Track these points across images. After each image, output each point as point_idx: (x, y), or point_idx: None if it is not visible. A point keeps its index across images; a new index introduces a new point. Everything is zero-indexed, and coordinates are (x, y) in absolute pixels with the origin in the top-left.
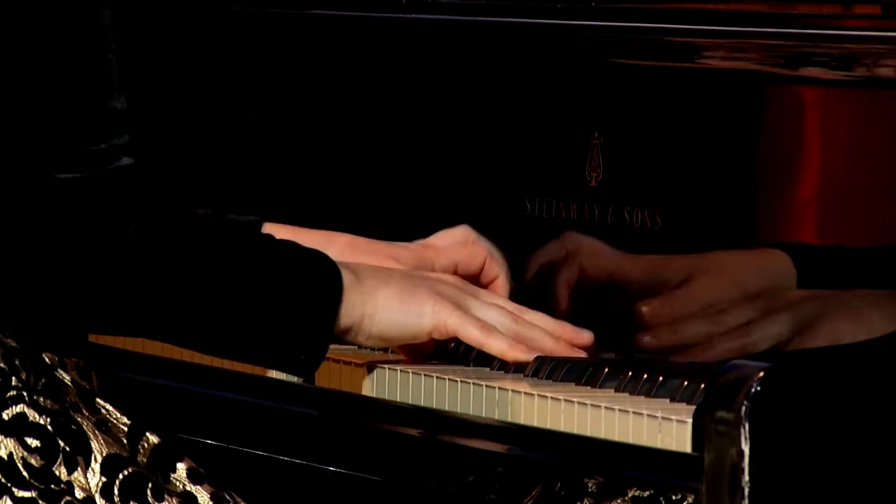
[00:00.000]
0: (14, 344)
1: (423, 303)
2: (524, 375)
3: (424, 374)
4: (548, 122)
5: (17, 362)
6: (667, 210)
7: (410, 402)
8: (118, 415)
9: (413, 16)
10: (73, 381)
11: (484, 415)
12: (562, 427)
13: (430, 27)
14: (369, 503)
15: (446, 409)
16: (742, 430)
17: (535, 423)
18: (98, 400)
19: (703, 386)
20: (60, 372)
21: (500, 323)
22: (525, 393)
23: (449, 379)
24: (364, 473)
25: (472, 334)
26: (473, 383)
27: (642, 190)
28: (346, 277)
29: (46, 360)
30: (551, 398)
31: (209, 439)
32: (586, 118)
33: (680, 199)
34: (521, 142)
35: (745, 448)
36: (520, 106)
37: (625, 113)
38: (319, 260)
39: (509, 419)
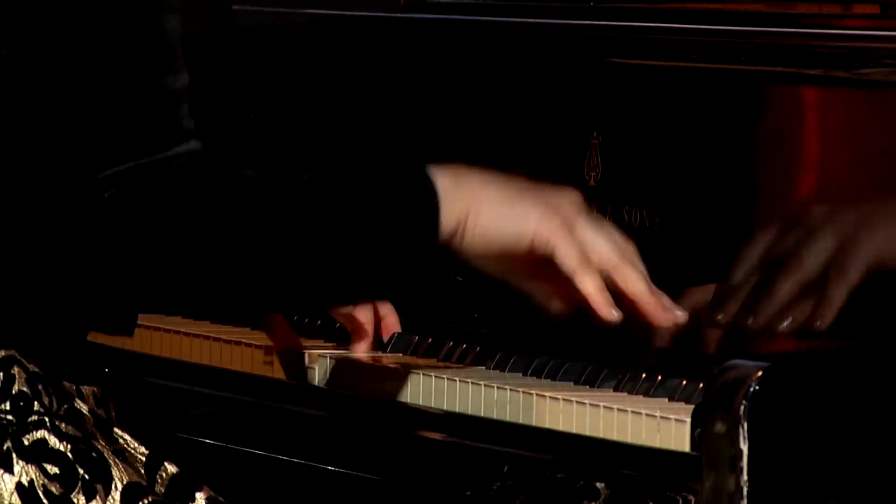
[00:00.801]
0: (37, 369)
1: (530, 208)
2: (523, 375)
3: (435, 376)
4: (547, 121)
5: (39, 387)
6: (666, 210)
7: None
8: (136, 444)
9: (412, 15)
10: (90, 410)
11: (483, 414)
12: (560, 426)
13: (428, 27)
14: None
15: (457, 409)
16: (741, 430)
17: (534, 423)
18: (116, 430)
19: (701, 385)
20: (78, 402)
21: (603, 255)
22: (524, 392)
23: (447, 379)
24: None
25: (568, 258)
26: (472, 383)
27: (641, 190)
28: (443, 180)
29: (65, 387)
30: (550, 398)
31: (237, 445)
32: (586, 118)
33: (679, 199)
34: (521, 142)
35: (744, 448)
36: (519, 106)
37: (624, 113)
38: (411, 171)
39: (507, 418)
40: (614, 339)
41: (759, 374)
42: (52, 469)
